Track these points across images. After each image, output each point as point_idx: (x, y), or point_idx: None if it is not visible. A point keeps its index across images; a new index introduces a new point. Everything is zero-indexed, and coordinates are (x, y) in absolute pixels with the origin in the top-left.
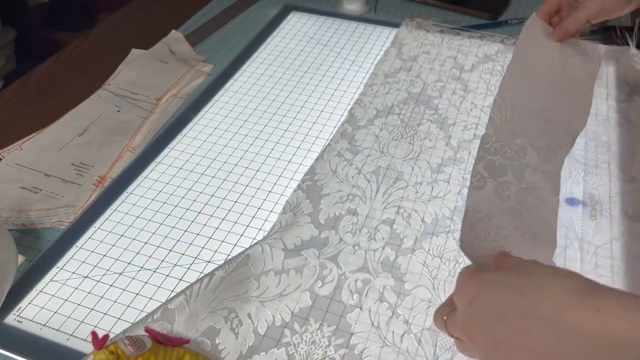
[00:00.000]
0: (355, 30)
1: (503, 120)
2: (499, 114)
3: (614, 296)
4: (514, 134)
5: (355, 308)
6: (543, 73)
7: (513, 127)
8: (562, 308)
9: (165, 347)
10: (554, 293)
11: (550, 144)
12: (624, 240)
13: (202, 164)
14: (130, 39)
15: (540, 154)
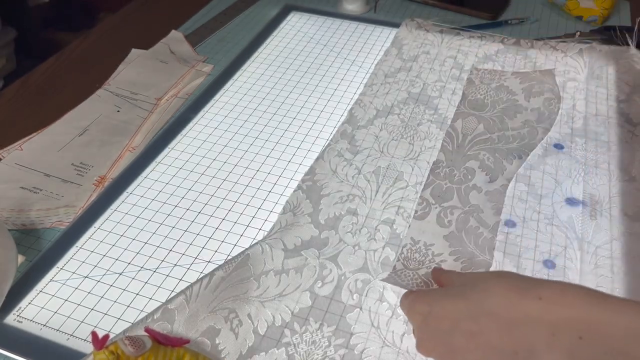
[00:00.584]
0: (355, 30)
1: (454, 147)
2: (450, 142)
3: (552, 286)
4: (465, 158)
5: (355, 308)
6: (494, 103)
7: (464, 152)
8: (508, 301)
9: (165, 347)
10: (499, 291)
11: (498, 162)
12: (624, 240)
13: (202, 164)
14: (130, 39)
15: (489, 173)
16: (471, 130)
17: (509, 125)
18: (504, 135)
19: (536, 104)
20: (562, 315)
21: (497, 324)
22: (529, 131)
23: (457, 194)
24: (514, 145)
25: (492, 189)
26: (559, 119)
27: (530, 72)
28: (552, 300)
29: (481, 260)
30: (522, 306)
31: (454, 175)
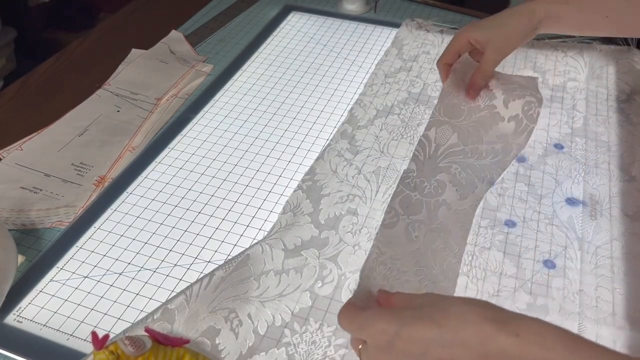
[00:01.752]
0: (355, 30)
1: (426, 157)
2: (422, 151)
3: (531, 324)
4: (436, 170)
5: None
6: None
7: (435, 163)
8: (484, 333)
9: (165, 347)
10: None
11: (470, 179)
12: (624, 240)
13: (202, 164)
14: (130, 39)
15: (459, 190)
16: (445, 140)
17: (484, 138)
18: (477, 149)
19: (514, 111)
20: (539, 356)
21: (469, 356)
22: (502, 147)
23: (427, 207)
24: (486, 162)
25: (461, 207)
26: (559, 119)
27: (514, 76)
28: (531, 340)
29: (444, 286)
30: (498, 341)
31: (424, 187)
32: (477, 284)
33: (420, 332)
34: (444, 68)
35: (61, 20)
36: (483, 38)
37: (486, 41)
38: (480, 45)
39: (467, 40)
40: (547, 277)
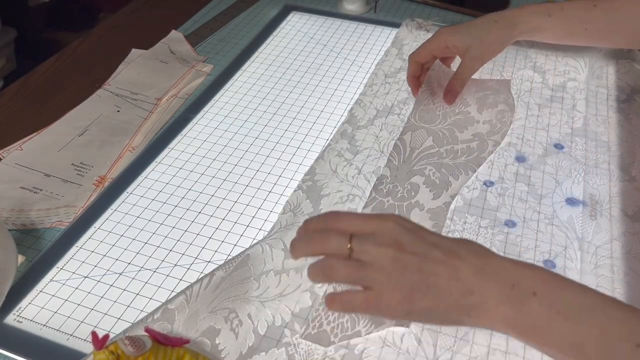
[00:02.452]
0: (355, 30)
1: (400, 162)
2: (397, 156)
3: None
4: (410, 174)
5: None
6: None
7: (410, 167)
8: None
9: (165, 347)
10: (471, 247)
11: (444, 178)
12: (624, 240)
13: (202, 164)
14: (130, 39)
15: (432, 189)
16: (419, 144)
17: (459, 138)
18: (452, 149)
19: (488, 116)
20: (524, 270)
21: (470, 266)
22: (478, 144)
23: (399, 211)
24: (461, 160)
25: (434, 206)
26: (559, 119)
27: (487, 80)
28: (516, 261)
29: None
30: (492, 259)
31: (397, 191)
32: None
33: (432, 232)
34: (414, 65)
35: (61, 20)
36: (462, 45)
37: (465, 48)
38: (457, 52)
39: (445, 45)
40: None
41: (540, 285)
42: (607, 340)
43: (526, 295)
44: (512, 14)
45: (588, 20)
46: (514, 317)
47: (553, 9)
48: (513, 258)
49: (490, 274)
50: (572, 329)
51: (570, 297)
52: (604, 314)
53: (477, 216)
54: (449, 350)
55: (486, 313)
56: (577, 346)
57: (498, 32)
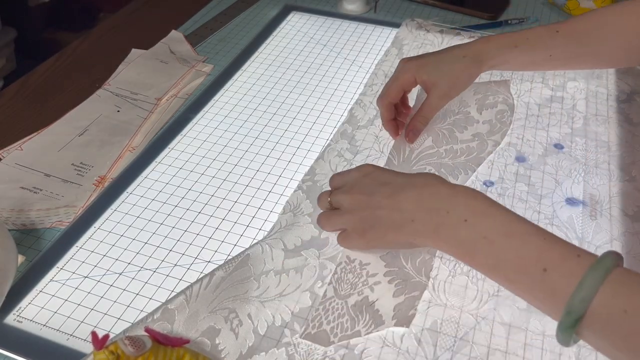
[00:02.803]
0: (355, 30)
1: (400, 161)
2: (397, 155)
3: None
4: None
5: None
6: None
7: (409, 167)
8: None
9: (165, 347)
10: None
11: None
12: (624, 240)
13: (202, 164)
14: (130, 39)
15: None
16: (419, 144)
17: (459, 138)
18: (452, 148)
19: (488, 116)
20: (459, 197)
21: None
22: (478, 144)
23: None
24: (461, 160)
25: None
26: (559, 119)
27: (485, 83)
28: (455, 188)
29: (416, 282)
30: (430, 188)
31: None
32: (477, 283)
33: (388, 174)
34: (387, 107)
35: (61, 20)
36: (429, 80)
37: (432, 84)
38: (424, 86)
39: (414, 79)
40: None
41: (471, 213)
42: (520, 264)
43: (458, 221)
44: (479, 49)
45: (552, 46)
46: (449, 241)
47: (519, 39)
48: (456, 184)
49: (427, 204)
50: (493, 252)
51: (496, 224)
52: (520, 240)
53: None
54: (449, 350)
55: (426, 237)
56: (496, 267)
57: (466, 69)
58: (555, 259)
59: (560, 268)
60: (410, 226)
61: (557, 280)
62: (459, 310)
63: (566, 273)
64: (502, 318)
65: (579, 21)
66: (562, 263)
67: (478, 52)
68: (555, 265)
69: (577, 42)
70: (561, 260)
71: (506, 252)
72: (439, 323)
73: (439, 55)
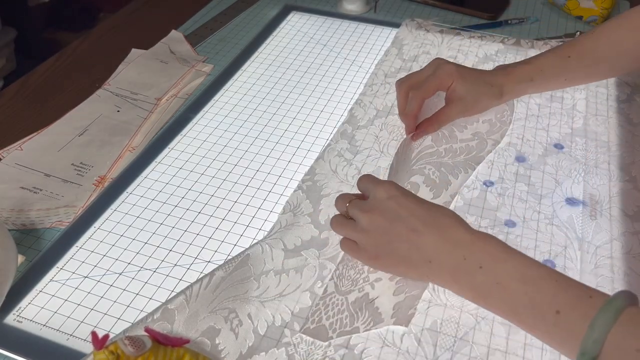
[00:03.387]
0: (355, 30)
1: (400, 161)
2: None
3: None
4: (409, 173)
5: None
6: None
7: (409, 167)
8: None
9: (165, 347)
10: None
11: (444, 177)
12: (624, 240)
13: (202, 164)
14: (130, 39)
15: (432, 189)
16: (418, 144)
17: (458, 137)
18: (451, 147)
19: (488, 115)
20: (477, 243)
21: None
22: (478, 143)
23: None
24: (460, 159)
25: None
26: (559, 119)
27: None
28: (473, 233)
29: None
30: (451, 232)
31: None
32: None
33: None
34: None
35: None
36: (460, 94)
37: (460, 97)
38: (452, 96)
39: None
40: None
41: (487, 259)
42: (534, 307)
43: (474, 267)
44: (502, 82)
45: (566, 72)
46: (463, 286)
47: (534, 73)
48: (473, 228)
49: (447, 248)
50: (507, 297)
51: (509, 269)
52: (533, 284)
53: (477, 216)
54: (449, 350)
55: (440, 279)
56: (511, 312)
57: (489, 99)
58: (567, 301)
59: (573, 310)
60: (426, 267)
61: (570, 322)
62: (459, 310)
63: (579, 315)
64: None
65: (587, 42)
66: (575, 305)
67: (501, 85)
68: (568, 307)
69: (590, 62)
70: (574, 302)
71: (520, 297)
72: (439, 323)
73: (477, 75)
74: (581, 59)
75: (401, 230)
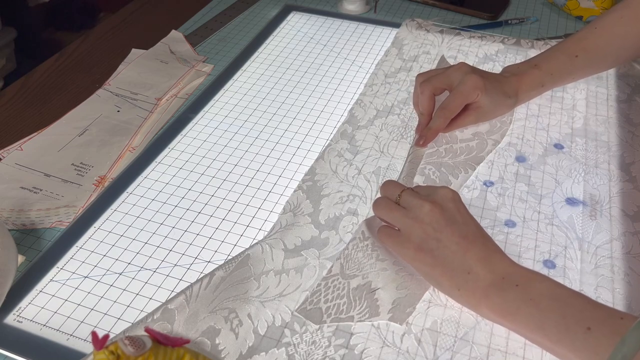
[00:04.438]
0: (355, 30)
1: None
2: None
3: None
4: (410, 174)
5: None
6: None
7: (411, 167)
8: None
9: (165, 347)
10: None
11: (444, 177)
12: (624, 240)
13: (202, 164)
14: (130, 39)
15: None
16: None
17: (458, 137)
18: (451, 148)
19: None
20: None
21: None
22: (478, 143)
23: None
24: (461, 159)
25: None
26: (559, 119)
27: None
28: (514, 262)
29: (422, 279)
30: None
31: None
32: None
33: (469, 215)
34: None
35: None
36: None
37: (479, 106)
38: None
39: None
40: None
41: (523, 279)
42: (564, 323)
43: (510, 285)
44: (516, 90)
45: (574, 71)
46: (495, 302)
47: (545, 79)
48: (514, 260)
49: (490, 264)
50: (537, 313)
51: (542, 288)
52: (565, 301)
53: (477, 216)
54: (449, 350)
55: (473, 293)
56: (539, 328)
57: (504, 108)
58: (599, 319)
59: (604, 327)
60: (463, 276)
61: (600, 338)
62: (459, 310)
63: (610, 332)
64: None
65: (592, 38)
66: (606, 322)
67: (516, 94)
68: (599, 324)
69: (597, 59)
70: (605, 319)
71: (551, 313)
72: (439, 323)
73: (496, 86)
74: (588, 57)
75: (454, 232)
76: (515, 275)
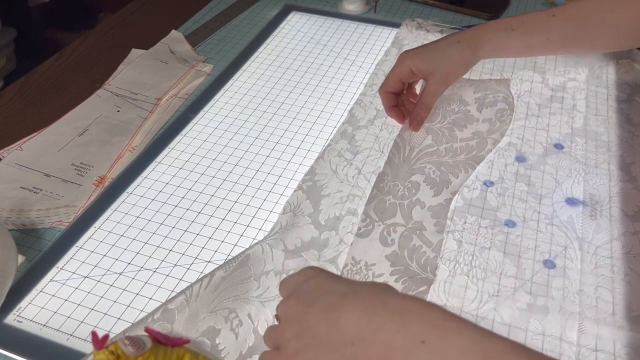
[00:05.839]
0: (355, 30)
1: (400, 160)
2: (397, 153)
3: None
4: (409, 173)
5: None
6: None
7: (410, 166)
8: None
9: (165, 347)
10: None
11: (444, 176)
12: (624, 240)
13: (202, 164)
14: (130, 39)
15: (433, 187)
16: (418, 143)
17: (458, 136)
18: (451, 147)
19: (488, 115)
20: (416, 311)
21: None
22: (478, 142)
23: (400, 210)
24: (461, 158)
25: (435, 203)
26: (559, 119)
27: (486, 81)
28: (409, 300)
29: (423, 277)
30: (378, 301)
31: (397, 190)
32: (477, 283)
33: (332, 280)
34: (386, 96)
35: (61, 20)
36: (426, 69)
37: (429, 72)
38: (422, 75)
39: (409, 69)
40: (547, 277)
41: (429, 331)
42: None
43: (414, 343)
44: (475, 34)
45: (549, 30)
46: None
47: (515, 23)
48: (411, 295)
49: (372, 322)
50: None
51: (460, 344)
52: None
53: (477, 216)
54: None
55: (371, 357)
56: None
57: (461, 54)
58: None
59: None
60: (349, 350)
61: None
62: (459, 311)
63: None
64: (502, 318)
65: (575, 6)
66: None
67: (473, 37)
68: None
69: (574, 25)
70: None
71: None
72: None
73: (434, 43)
74: (565, 21)
75: (317, 311)
76: (413, 325)
